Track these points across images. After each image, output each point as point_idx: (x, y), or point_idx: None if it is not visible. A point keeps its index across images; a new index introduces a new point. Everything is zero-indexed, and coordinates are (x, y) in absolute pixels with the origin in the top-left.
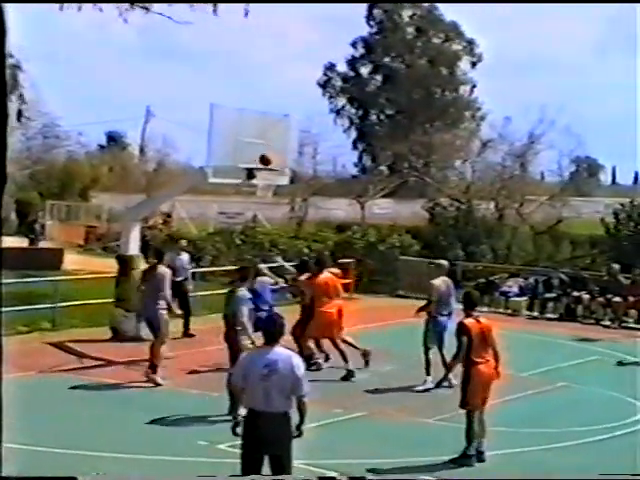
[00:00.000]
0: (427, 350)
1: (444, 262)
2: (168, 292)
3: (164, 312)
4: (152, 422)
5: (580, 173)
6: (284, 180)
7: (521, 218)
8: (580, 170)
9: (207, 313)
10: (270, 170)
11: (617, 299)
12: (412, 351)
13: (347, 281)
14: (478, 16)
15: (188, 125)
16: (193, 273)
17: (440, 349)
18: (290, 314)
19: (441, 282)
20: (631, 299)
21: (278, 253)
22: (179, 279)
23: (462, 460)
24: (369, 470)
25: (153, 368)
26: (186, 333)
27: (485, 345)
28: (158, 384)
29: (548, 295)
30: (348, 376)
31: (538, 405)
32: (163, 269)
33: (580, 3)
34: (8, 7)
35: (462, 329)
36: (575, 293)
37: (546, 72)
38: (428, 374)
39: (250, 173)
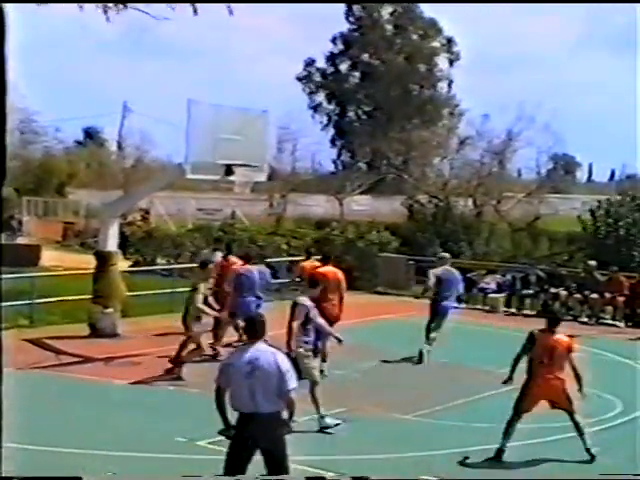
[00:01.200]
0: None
1: (446, 254)
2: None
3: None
4: (130, 419)
5: (557, 170)
6: (262, 176)
7: (499, 215)
8: (557, 167)
9: None
10: (248, 166)
11: (594, 296)
12: (391, 347)
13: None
14: (456, 14)
15: (166, 121)
16: (171, 269)
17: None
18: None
19: (441, 271)
20: (608, 296)
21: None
22: None
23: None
24: None
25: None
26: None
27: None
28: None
29: (526, 292)
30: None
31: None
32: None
33: (558, 3)
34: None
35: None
36: (552, 290)
37: (524, 70)
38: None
39: (228, 169)
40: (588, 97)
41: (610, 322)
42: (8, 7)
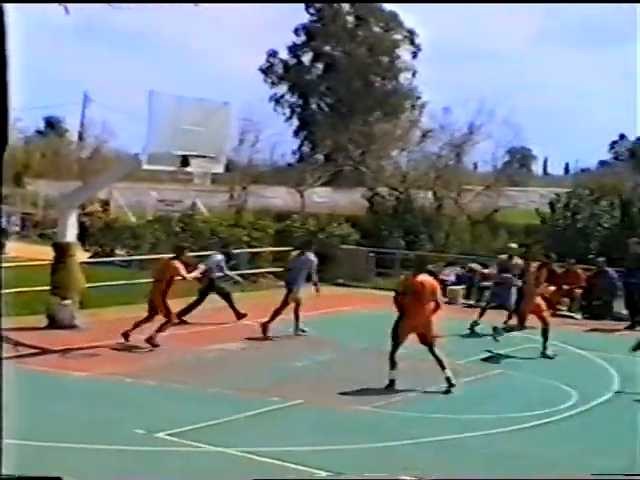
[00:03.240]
0: None
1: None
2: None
3: None
4: (87, 411)
5: (513, 163)
6: (219, 168)
7: (458, 208)
8: (513, 160)
9: (145, 302)
10: (204, 157)
11: (552, 288)
12: (350, 339)
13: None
14: (418, 7)
15: (127, 112)
16: (130, 261)
17: None
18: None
19: None
20: (565, 287)
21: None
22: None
23: None
24: None
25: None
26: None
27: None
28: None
29: (485, 283)
30: None
31: (476, 392)
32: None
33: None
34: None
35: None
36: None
37: (484, 63)
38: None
39: (184, 160)
40: (544, 91)
41: (567, 314)
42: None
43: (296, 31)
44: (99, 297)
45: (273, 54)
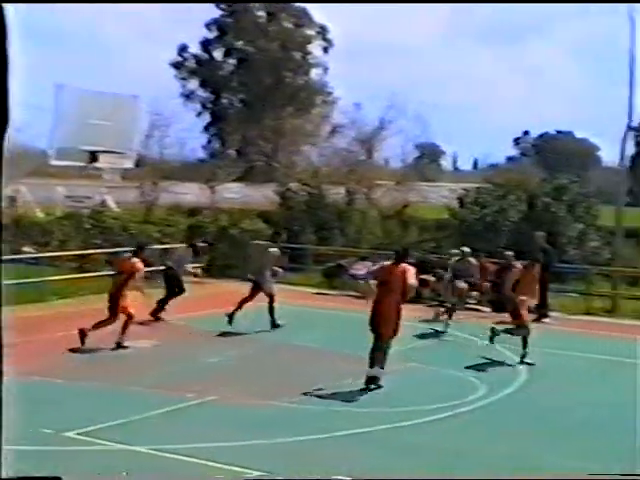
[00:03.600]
0: None
1: None
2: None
3: None
4: None
5: (423, 159)
6: (129, 163)
7: (370, 203)
8: (423, 156)
9: (55, 299)
10: (113, 153)
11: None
12: (263, 334)
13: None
14: (328, 3)
15: (34, 106)
16: (39, 258)
17: None
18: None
19: None
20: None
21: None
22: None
23: None
24: None
25: None
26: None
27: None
28: None
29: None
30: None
31: (389, 385)
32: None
33: None
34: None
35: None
36: (422, 276)
37: (395, 59)
38: None
39: (93, 156)
40: (453, 87)
41: (476, 307)
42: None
43: (207, 26)
44: (7, 295)
45: (184, 49)
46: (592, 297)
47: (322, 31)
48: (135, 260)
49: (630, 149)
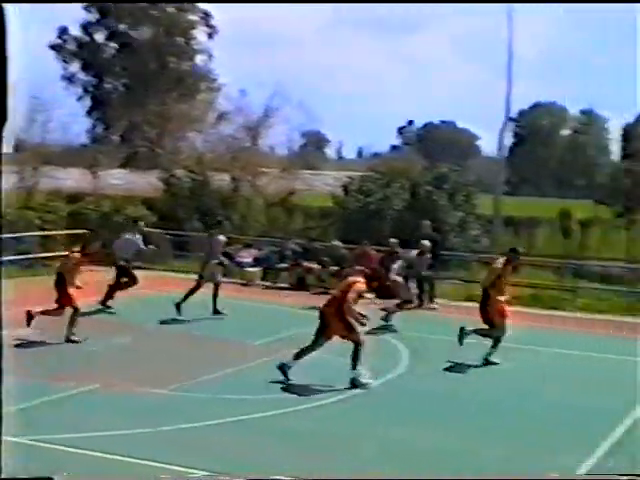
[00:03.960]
0: None
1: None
2: None
3: None
4: None
5: (308, 147)
6: (7, 148)
7: (255, 190)
8: (308, 144)
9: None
10: None
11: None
12: (146, 322)
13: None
14: None
15: None
16: None
17: None
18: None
19: None
20: (358, 268)
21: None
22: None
23: None
24: None
25: None
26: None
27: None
28: None
29: (281, 265)
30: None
31: (273, 372)
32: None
33: None
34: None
35: None
36: (306, 263)
37: (281, 48)
38: None
39: None
40: (338, 77)
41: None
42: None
43: (88, 8)
44: None
45: (64, 31)
46: (473, 284)
47: (206, 17)
48: (77, 254)
49: (509, 140)
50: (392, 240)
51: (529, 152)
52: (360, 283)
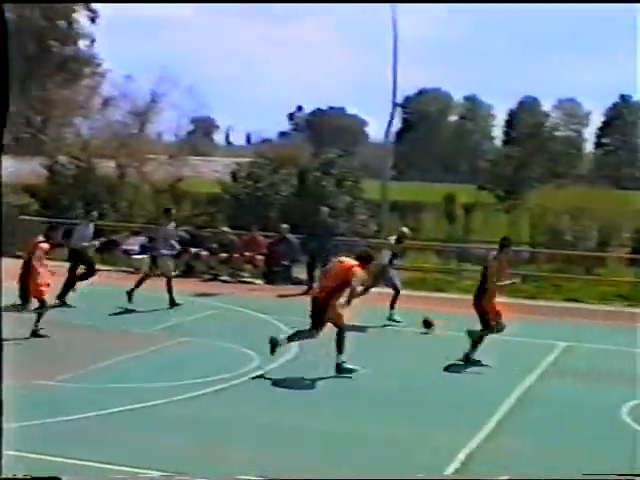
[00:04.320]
0: None
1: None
2: None
3: None
4: None
5: (197, 133)
6: None
7: (142, 177)
8: (197, 130)
9: None
10: None
11: (236, 255)
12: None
13: None
14: None
15: None
16: None
17: None
18: None
19: None
20: (247, 254)
21: None
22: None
23: None
24: None
25: None
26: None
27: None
28: None
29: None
30: None
31: (161, 360)
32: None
33: None
34: None
35: None
36: (194, 250)
37: (167, 33)
38: None
39: None
40: (225, 63)
41: (249, 280)
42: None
43: None
44: None
45: None
46: None
47: (86, 1)
48: (41, 244)
49: (398, 126)
50: (283, 225)
51: (416, 138)
52: (357, 267)
